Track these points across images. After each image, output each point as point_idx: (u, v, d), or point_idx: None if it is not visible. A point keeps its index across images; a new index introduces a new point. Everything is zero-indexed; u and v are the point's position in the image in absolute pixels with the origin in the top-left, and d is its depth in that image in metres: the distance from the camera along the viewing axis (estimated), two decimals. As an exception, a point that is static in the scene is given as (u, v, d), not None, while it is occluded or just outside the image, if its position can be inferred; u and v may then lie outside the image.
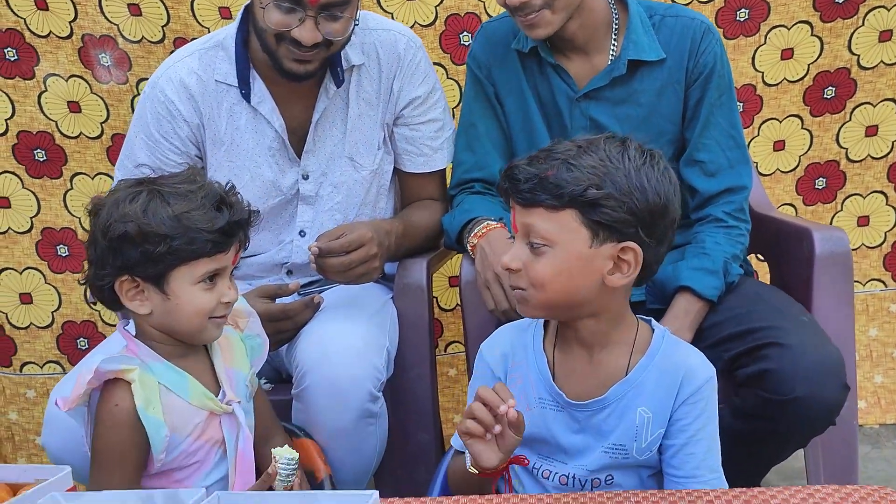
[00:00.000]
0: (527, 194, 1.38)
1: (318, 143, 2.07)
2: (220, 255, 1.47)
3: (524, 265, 1.40)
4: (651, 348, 1.47)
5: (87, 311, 2.97)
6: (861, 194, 2.83)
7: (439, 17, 2.64)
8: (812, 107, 2.74)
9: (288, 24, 1.84)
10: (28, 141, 2.80)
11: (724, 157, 1.99)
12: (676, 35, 1.97)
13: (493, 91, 2.10)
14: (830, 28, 2.63)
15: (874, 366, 2.95)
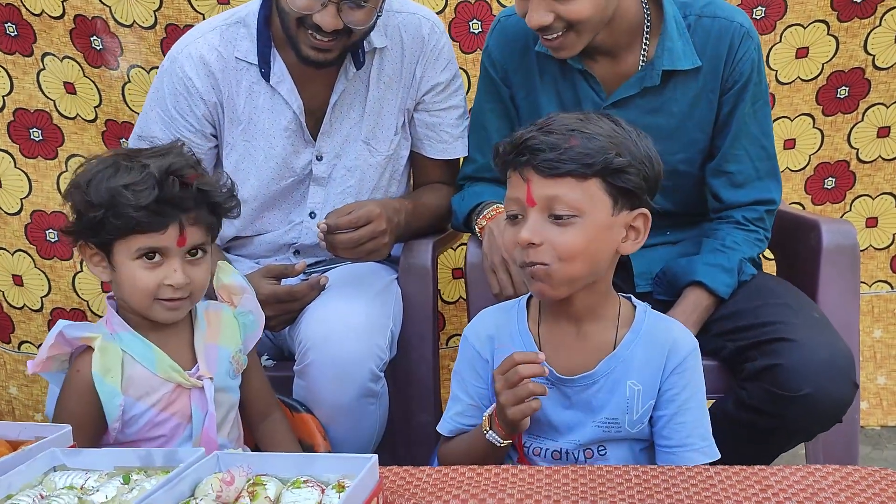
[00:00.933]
0: (555, 163, 1.39)
1: (335, 125, 2.10)
2: (155, 233, 1.49)
3: (546, 239, 1.41)
4: (636, 322, 1.52)
5: (76, 300, 2.98)
6: (870, 195, 2.85)
7: (449, 5, 2.65)
8: (825, 106, 2.76)
9: (310, 7, 1.85)
10: (25, 119, 2.80)
11: (753, 168, 1.96)
12: (713, 39, 1.89)
13: (508, 94, 2.05)
14: (847, 28, 2.65)
15: (878, 367, 2.97)
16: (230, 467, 1.25)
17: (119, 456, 1.34)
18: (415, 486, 1.32)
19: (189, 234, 1.52)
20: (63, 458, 1.33)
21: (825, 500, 1.22)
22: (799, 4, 2.63)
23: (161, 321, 1.56)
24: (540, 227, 1.41)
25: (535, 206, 1.42)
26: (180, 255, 1.52)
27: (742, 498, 1.23)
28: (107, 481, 1.26)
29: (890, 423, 2.97)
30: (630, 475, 1.33)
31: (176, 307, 1.55)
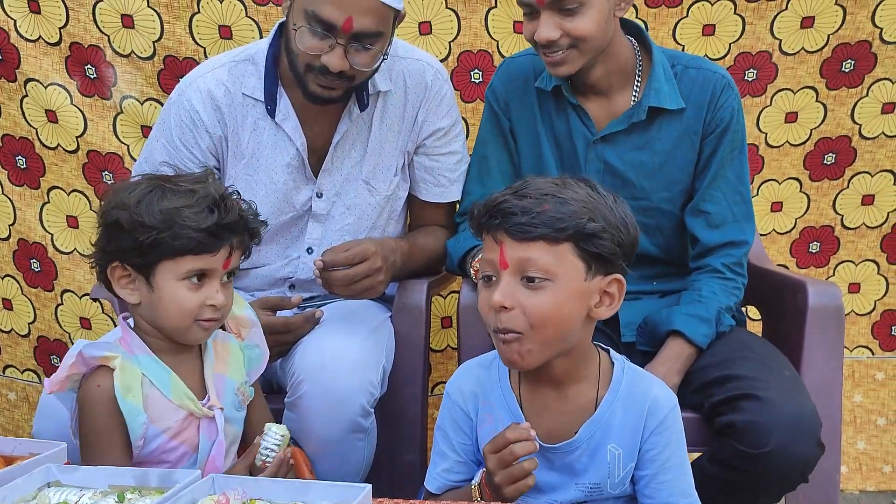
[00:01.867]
0: (526, 227, 1.43)
1: (336, 164, 2.17)
2: (207, 255, 1.54)
3: (518, 303, 1.44)
4: (614, 381, 1.56)
5: (59, 330, 3.00)
6: (854, 261, 2.94)
7: (452, 53, 2.73)
8: (812, 171, 2.85)
9: (318, 48, 1.93)
10: (11, 146, 2.84)
11: (730, 210, 2.09)
12: (697, 86, 2.07)
13: (508, 126, 2.19)
14: (835, 96, 2.76)
15: (857, 432, 3.02)
16: (225, 490, 1.28)
17: (114, 474, 1.37)
18: (406, 517, 1.34)
19: (233, 258, 1.58)
20: (58, 474, 1.37)
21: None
22: (789, 70, 2.74)
23: (192, 342, 1.61)
24: (512, 289, 1.45)
25: (508, 269, 1.46)
26: (220, 277, 1.57)
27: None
28: (101, 499, 1.30)
29: (868, 487, 3.02)
30: None
31: (211, 327, 1.60)
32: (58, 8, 2.69)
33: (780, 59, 2.73)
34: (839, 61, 2.72)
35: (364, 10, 1.91)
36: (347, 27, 1.90)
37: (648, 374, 1.65)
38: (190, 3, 2.65)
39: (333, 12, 1.89)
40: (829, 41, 2.70)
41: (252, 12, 2.66)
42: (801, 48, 2.71)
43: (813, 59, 2.72)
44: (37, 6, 2.69)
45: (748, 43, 2.71)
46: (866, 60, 2.72)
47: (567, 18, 1.92)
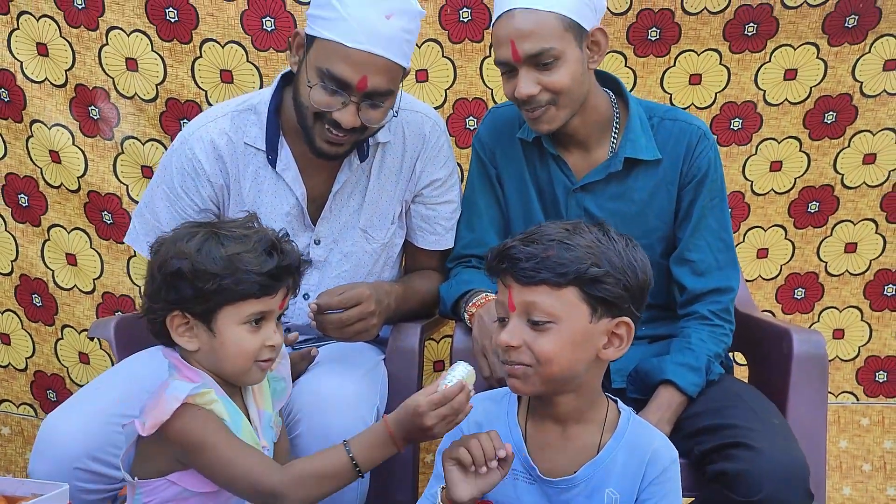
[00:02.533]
0: (530, 272, 1.50)
1: (335, 212, 2.20)
2: (268, 297, 1.56)
3: (525, 342, 1.52)
4: (619, 429, 1.61)
5: (57, 365, 3.03)
6: (838, 308, 2.97)
7: (448, 101, 2.78)
8: (796, 219, 2.89)
9: (331, 105, 1.97)
10: (15, 184, 2.88)
11: (714, 258, 2.12)
12: (673, 137, 2.12)
13: (495, 174, 2.25)
14: (818, 146, 2.82)
15: (843, 477, 3.04)
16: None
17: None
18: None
19: (287, 299, 1.61)
20: (61, 516, 1.38)
21: None
22: (774, 120, 2.79)
23: (250, 384, 1.63)
24: (519, 330, 1.52)
25: (515, 311, 1.53)
26: (275, 318, 1.60)
27: None
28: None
29: (855, 533, 3.03)
30: None
31: (268, 368, 1.62)
32: (65, 51, 2.74)
33: (765, 109, 2.78)
34: (821, 113, 2.78)
35: (378, 69, 1.95)
36: (362, 86, 1.94)
37: (653, 427, 1.68)
38: (192, 47, 2.70)
39: (348, 71, 1.93)
40: (812, 93, 2.76)
41: (253, 57, 2.71)
42: (784, 99, 2.77)
43: (796, 110, 2.78)
44: (45, 49, 2.74)
45: (733, 93, 2.77)
46: (848, 113, 2.78)
47: (544, 73, 1.97)
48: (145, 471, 1.56)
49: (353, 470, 1.50)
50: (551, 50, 1.96)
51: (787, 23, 2.68)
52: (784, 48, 2.72)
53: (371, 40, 1.93)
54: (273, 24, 2.70)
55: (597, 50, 2.04)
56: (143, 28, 2.70)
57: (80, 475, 1.79)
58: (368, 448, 1.53)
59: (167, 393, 1.50)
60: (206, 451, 1.50)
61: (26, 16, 2.72)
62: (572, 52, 1.98)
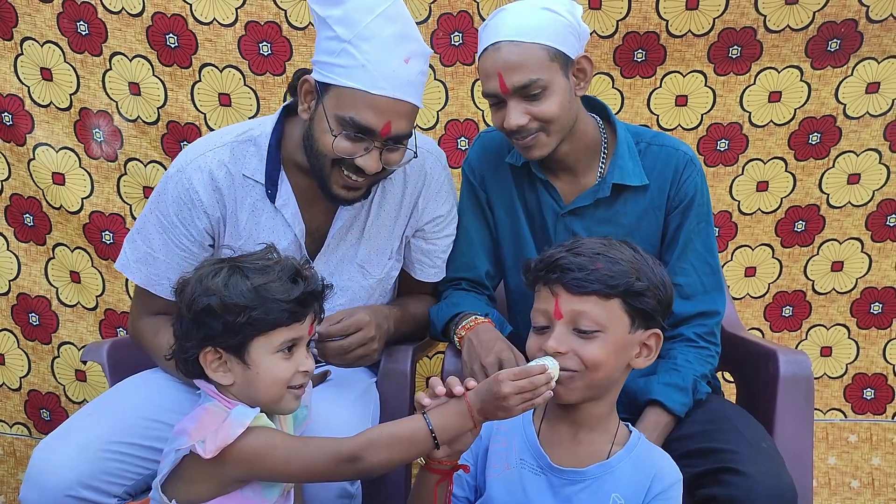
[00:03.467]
0: (582, 282, 1.56)
1: (332, 247, 2.16)
2: (297, 324, 1.57)
3: (572, 349, 1.56)
4: (629, 443, 1.64)
5: (53, 383, 3.04)
6: (825, 326, 2.99)
7: (440, 122, 2.82)
8: (783, 238, 2.91)
9: (353, 152, 1.92)
10: (19, 205, 2.91)
11: (700, 282, 2.13)
12: (660, 163, 2.13)
13: (485, 198, 2.26)
14: (804, 166, 2.85)
15: (832, 494, 3.05)
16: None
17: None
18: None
19: (315, 324, 1.63)
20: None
21: None
22: (759, 141, 2.82)
23: (285, 412, 1.63)
24: (566, 337, 1.57)
25: (562, 320, 1.57)
26: (306, 343, 1.61)
27: None
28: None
29: (845, 550, 3.03)
30: None
31: (301, 394, 1.62)
32: (69, 75, 2.79)
33: (751, 130, 2.81)
34: (806, 134, 2.81)
35: (401, 114, 1.93)
36: (386, 132, 1.91)
37: (660, 449, 1.72)
38: (192, 72, 2.75)
39: (373, 118, 1.90)
40: (797, 115, 2.80)
41: (250, 81, 2.76)
42: (769, 121, 2.80)
43: (781, 131, 2.81)
44: (49, 74, 2.79)
45: (719, 114, 2.80)
46: (832, 134, 2.81)
47: (533, 103, 1.98)
48: (186, 495, 1.55)
49: (428, 434, 1.47)
50: (538, 81, 1.96)
51: (770, 46, 2.72)
52: (768, 71, 2.76)
53: (393, 86, 1.89)
54: (269, 49, 2.75)
55: (583, 77, 2.06)
56: (144, 53, 2.75)
57: (70, 503, 1.76)
58: (445, 414, 1.48)
59: (232, 418, 1.51)
60: (275, 451, 1.50)
61: (30, 41, 2.78)
62: (559, 81, 1.99)
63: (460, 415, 1.47)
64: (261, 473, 1.52)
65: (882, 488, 3.06)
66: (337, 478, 1.52)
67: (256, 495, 1.56)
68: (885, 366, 3.01)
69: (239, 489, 1.55)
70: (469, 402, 1.47)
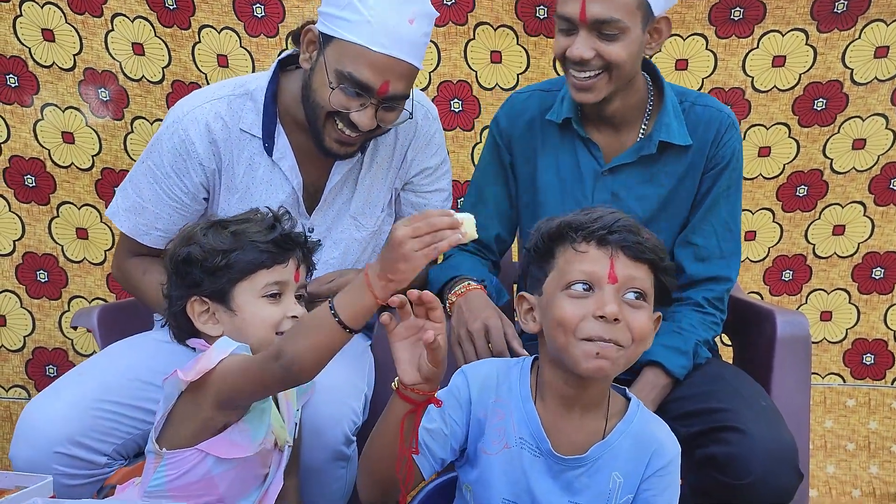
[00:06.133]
0: (642, 247, 1.47)
1: (329, 202, 2.15)
2: (279, 266, 1.57)
3: (624, 317, 1.44)
4: (628, 414, 1.57)
5: (60, 338, 3.03)
6: (825, 290, 2.94)
7: (433, 83, 2.76)
8: (784, 202, 2.85)
9: (349, 107, 1.91)
10: (20, 166, 2.88)
11: (718, 245, 2.07)
12: (703, 123, 2.06)
13: (509, 160, 2.18)
14: (808, 133, 2.76)
15: (827, 456, 3.03)
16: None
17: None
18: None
19: (301, 272, 1.60)
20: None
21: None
22: (762, 107, 2.74)
23: None
24: (620, 304, 1.45)
25: (616, 284, 1.45)
26: (294, 292, 1.59)
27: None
28: (86, 532, 1.30)
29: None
30: None
31: None
32: (71, 36, 2.75)
33: (753, 95, 2.73)
34: (811, 100, 2.72)
35: (399, 74, 1.90)
36: (383, 90, 1.89)
37: (659, 419, 1.64)
38: (192, 33, 2.72)
39: (371, 76, 1.87)
40: (801, 80, 2.71)
41: (245, 43, 2.72)
42: (773, 86, 2.72)
43: (785, 96, 2.73)
44: (51, 35, 2.75)
45: (721, 79, 2.71)
46: (838, 100, 2.72)
47: (604, 42, 1.91)
48: (175, 440, 1.54)
49: (332, 317, 1.34)
50: (619, 22, 1.89)
51: (774, 7, 2.62)
52: (772, 34, 2.66)
53: (395, 45, 1.87)
54: (263, 11, 2.71)
55: (657, 38, 2.00)
56: (144, 15, 2.72)
57: (61, 460, 1.76)
58: (346, 292, 1.36)
59: (214, 346, 1.50)
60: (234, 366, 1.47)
61: (29, 2, 2.72)
62: (636, 31, 1.93)
63: (360, 289, 1.33)
64: (226, 391, 1.48)
65: (878, 451, 3.04)
66: (271, 380, 1.42)
67: (244, 439, 1.55)
68: (886, 331, 2.96)
69: (226, 432, 1.53)
70: (367, 272, 1.33)
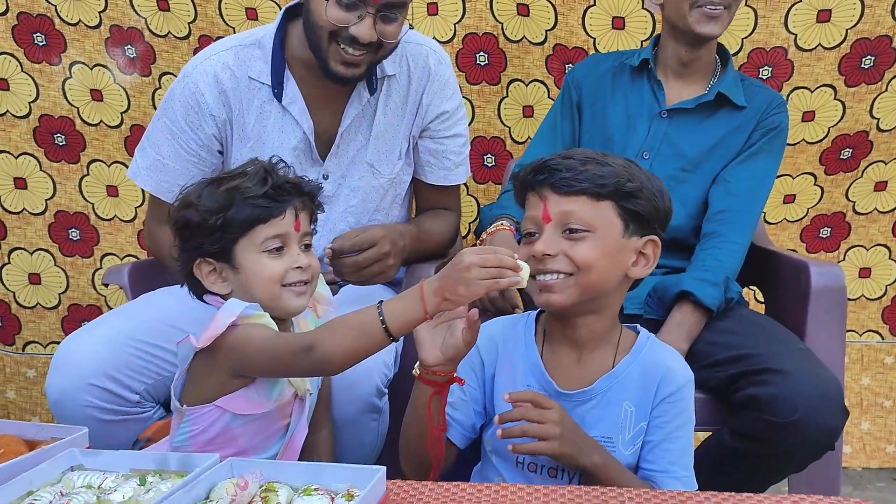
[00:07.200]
0: (571, 181, 1.48)
1: (343, 147, 2.13)
2: (276, 219, 1.54)
3: (561, 250, 1.48)
4: (636, 346, 1.58)
5: (94, 295, 3.05)
6: (865, 246, 2.89)
7: (457, 35, 2.72)
8: (827, 166, 2.78)
9: (347, 20, 1.89)
10: (49, 125, 2.87)
11: (748, 187, 2.12)
12: (758, 97, 2.18)
13: (577, 100, 2.28)
14: (854, 93, 2.67)
15: (863, 413, 3.00)
16: (244, 473, 1.29)
17: (135, 458, 1.39)
18: (417, 500, 1.35)
19: (301, 220, 1.58)
20: (81, 458, 1.38)
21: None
22: (806, 67, 2.65)
23: (291, 312, 1.59)
24: (554, 240, 1.49)
25: (550, 223, 1.50)
26: (297, 242, 1.57)
27: (731, 524, 1.24)
28: (123, 482, 1.30)
29: (872, 465, 3.00)
30: (624, 497, 1.35)
31: (303, 291, 1.58)
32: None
33: (796, 55, 2.64)
34: (858, 57, 2.63)
35: None
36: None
37: (671, 348, 1.64)
38: (214, -13, 2.70)
39: None
40: (848, 36, 2.61)
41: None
42: (817, 44, 2.63)
43: (830, 55, 2.63)
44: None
45: (762, 38, 2.64)
46: (887, 56, 2.63)
47: None
48: (194, 397, 1.54)
49: (378, 321, 1.34)
50: None
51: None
52: (817, -12, 2.57)
53: None
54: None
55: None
56: (163, -29, 2.70)
57: (95, 392, 1.79)
58: (397, 301, 1.36)
59: (222, 310, 1.49)
60: (250, 343, 1.46)
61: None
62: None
63: (413, 301, 1.34)
64: (242, 365, 1.48)
65: (915, 408, 3.01)
66: (297, 369, 1.45)
67: (260, 395, 1.54)
68: (928, 288, 2.91)
69: (242, 389, 1.52)
70: (423, 286, 1.34)
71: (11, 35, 2.78)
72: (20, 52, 2.80)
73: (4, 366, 3.12)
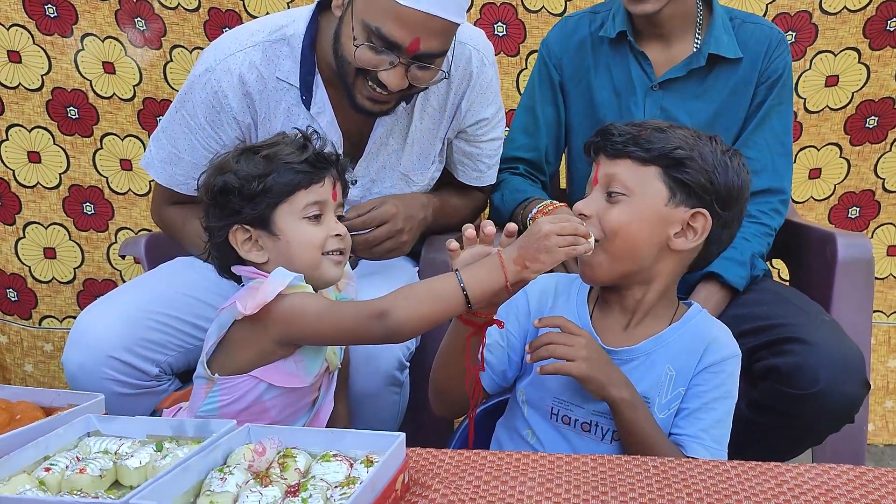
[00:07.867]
0: (619, 146, 1.49)
1: (374, 153, 2.05)
2: (316, 186, 1.53)
3: (596, 212, 1.49)
4: (686, 316, 1.57)
5: (109, 269, 3.05)
6: (894, 224, 2.85)
7: (475, 5, 2.69)
8: (852, 135, 2.74)
9: (377, 65, 1.77)
10: (62, 98, 2.86)
11: (770, 158, 2.07)
12: (754, 39, 2.08)
13: (559, 80, 2.20)
14: (878, 56, 2.65)
15: (888, 393, 2.98)
16: (261, 439, 1.28)
17: (152, 424, 1.37)
18: (437, 467, 1.34)
19: (338, 190, 1.57)
20: (98, 424, 1.37)
21: (839, 496, 1.23)
22: (830, 30, 2.63)
23: (328, 281, 1.57)
24: (595, 201, 1.51)
25: (597, 186, 1.52)
26: (334, 211, 1.57)
27: (758, 492, 1.24)
28: (140, 448, 1.29)
29: (895, 442, 2.98)
30: (648, 465, 1.34)
31: (340, 261, 1.57)
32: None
33: (821, 18, 2.62)
34: (884, 20, 2.60)
35: (432, 31, 1.74)
36: (413, 48, 1.74)
37: (721, 323, 1.62)
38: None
39: (400, 33, 1.72)
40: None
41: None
42: (843, 7, 2.60)
43: (856, 18, 2.60)
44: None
45: (786, 2, 2.61)
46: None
47: None
48: (229, 367, 1.53)
49: (459, 291, 1.35)
50: None
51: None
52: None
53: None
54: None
55: None
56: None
57: (113, 364, 1.78)
58: (478, 270, 1.36)
59: (271, 278, 1.47)
60: (307, 309, 1.45)
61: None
62: None
63: (493, 269, 1.35)
64: (295, 333, 1.47)
65: (939, 389, 2.98)
66: (366, 335, 1.42)
67: (300, 369, 1.53)
68: (958, 269, 2.88)
69: (280, 360, 1.51)
70: (502, 255, 1.36)
71: (23, 7, 2.77)
72: (31, 24, 2.78)
73: (22, 340, 3.12)
